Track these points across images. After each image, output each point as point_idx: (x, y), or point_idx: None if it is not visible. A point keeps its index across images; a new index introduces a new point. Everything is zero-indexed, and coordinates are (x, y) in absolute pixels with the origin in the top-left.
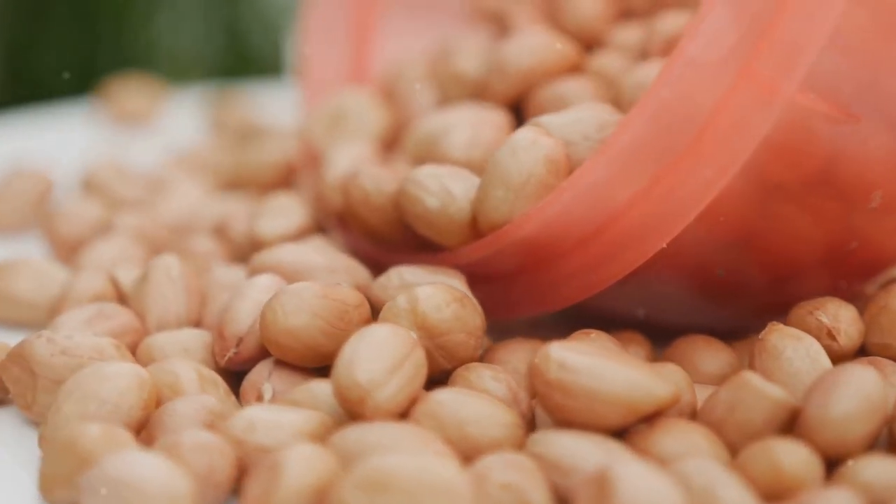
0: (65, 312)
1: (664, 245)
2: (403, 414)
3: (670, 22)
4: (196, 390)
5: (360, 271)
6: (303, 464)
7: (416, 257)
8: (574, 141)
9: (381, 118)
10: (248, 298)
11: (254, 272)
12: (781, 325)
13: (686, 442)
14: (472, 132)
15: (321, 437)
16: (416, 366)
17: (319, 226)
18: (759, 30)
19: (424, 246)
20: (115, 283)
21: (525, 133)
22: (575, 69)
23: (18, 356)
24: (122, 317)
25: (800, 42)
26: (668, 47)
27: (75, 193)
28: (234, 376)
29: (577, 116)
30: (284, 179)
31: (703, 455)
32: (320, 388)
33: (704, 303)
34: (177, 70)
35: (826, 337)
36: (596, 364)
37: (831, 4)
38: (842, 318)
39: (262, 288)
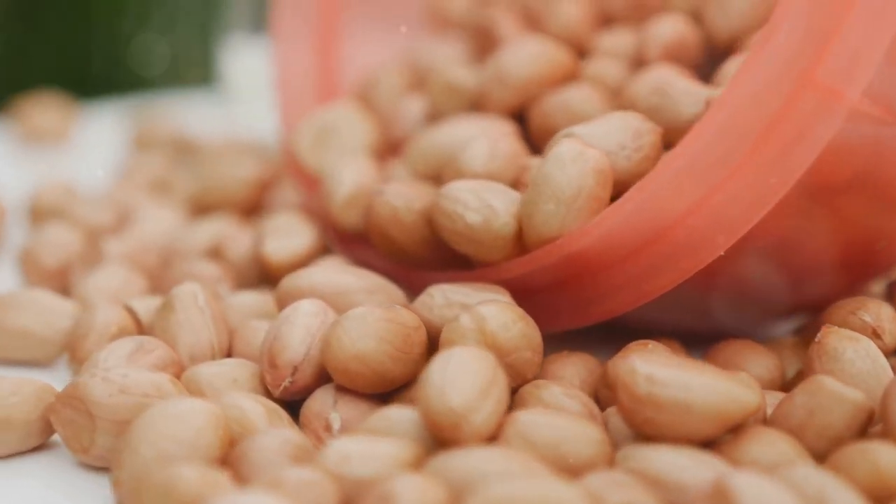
0: (100, 348)
1: (722, 253)
2: (493, 437)
3: (665, 27)
4: (265, 424)
5: (396, 292)
6: (415, 494)
7: (450, 275)
8: (612, 151)
9: (370, 131)
10: (298, 325)
11: (285, 297)
12: (837, 328)
13: (774, 449)
14: (491, 144)
15: (417, 465)
16: (502, 387)
17: (325, 245)
18: (822, 39)
19: (453, 262)
20: (132, 315)
21: (570, 145)
22: (571, 77)
23: (72, 398)
24: (160, 350)
25: (862, 50)
26: (666, 53)
27: (24, 218)
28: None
29: (610, 126)
30: (257, 198)
31: (792, 461)
32: (399, 415)
33: (728, 307)
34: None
35: (871, 336)
36: (684, 376)
37: (891, 12)
38: (883, 316)
39: (309, 313)
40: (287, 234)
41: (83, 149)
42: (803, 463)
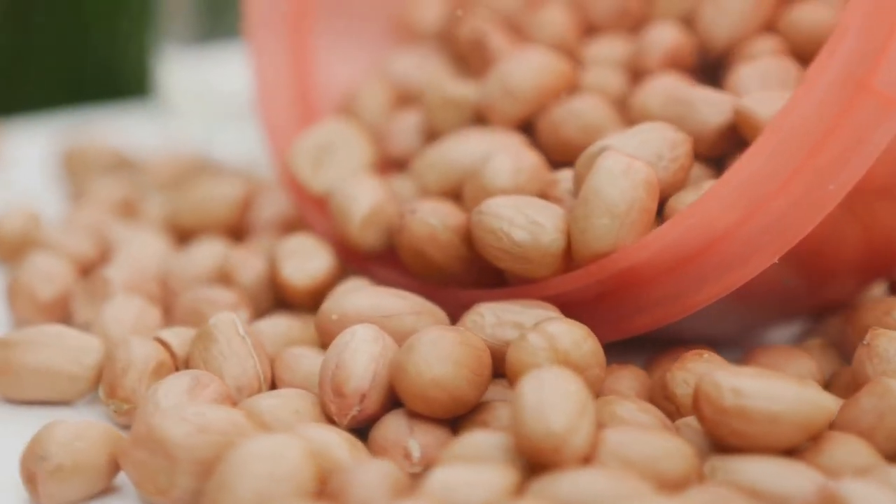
0: (144, 384)
1: (776, 261)
2: (588, 457)
3: (664, 35)
4: (348, 455)
5: (439, 312)
6: None
7: (487, 293)
8: (651, 161)
9: (367, 149)
10: (361, 352)
11: (327, 322)
12: (883, 329)
13: (854, 453)
14: (514, 158)
15: (520, 490)
16: (592, 407)
17: (342, 267)
18: (879, 48)
19: (487, 279)
20: (167, 347)
21: (618, 158)
22: (572, 87)
23: (147, 440)
24: (215, 383)
25: None
26: (666, 60)
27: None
28: None
29: (645, 137)
30: (241, 218)
31: (877, 465)
32: (486, 440)
33: (751, 312)
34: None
35: None
36: (769, 387)
37: None
38: None
39: (368, 339)
40: (304, 257)
41: (10, 169)
42: (875, 467)
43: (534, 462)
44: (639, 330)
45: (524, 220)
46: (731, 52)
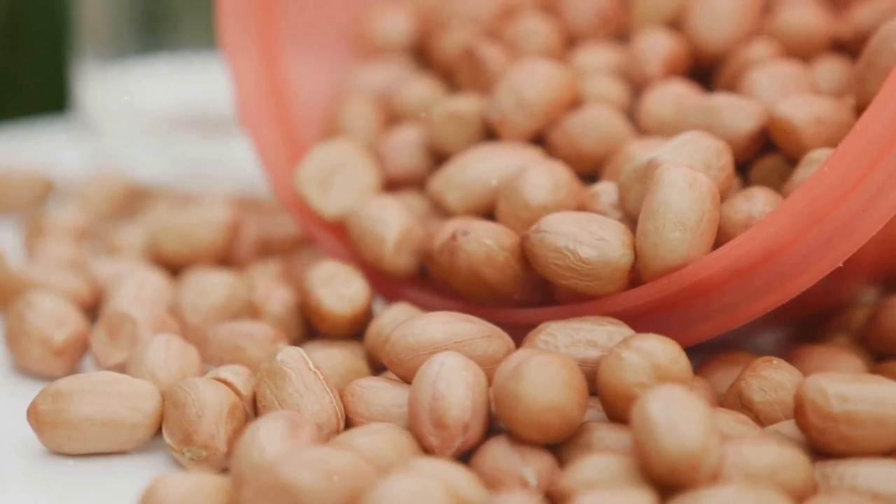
0: (221, 428)
1: (840, 265)
2: (716, 475)
3: (662, 41)
4: (475, 490)
5: (504, 334)
6: None
7: (544, 311)
8: (700, 171)
9: (374, 168)
10: (456, 381)
11: (402, 351)
12: None
13: None
14: (550, 173)
15: None
16: (716, 422)
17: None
18: None
19: (538, 299)
20: (233, 388)
21: (682, 171)
22: (577, 97)
23: (273, 488)
24: (308, 424)
25: None
26: (665, 67)
27: None
28: None
29: (692, 147)
30: (228, 245)
31: None
32: (609, 463)
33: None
34: None
35: None
36: (874, 391)
37: None
38: None
39: (460, 367)
40: (340, 284)
41: None
42: None
43: (668, 482)
44: (697, 340)
45: (589, 237)
46: (724, 57)
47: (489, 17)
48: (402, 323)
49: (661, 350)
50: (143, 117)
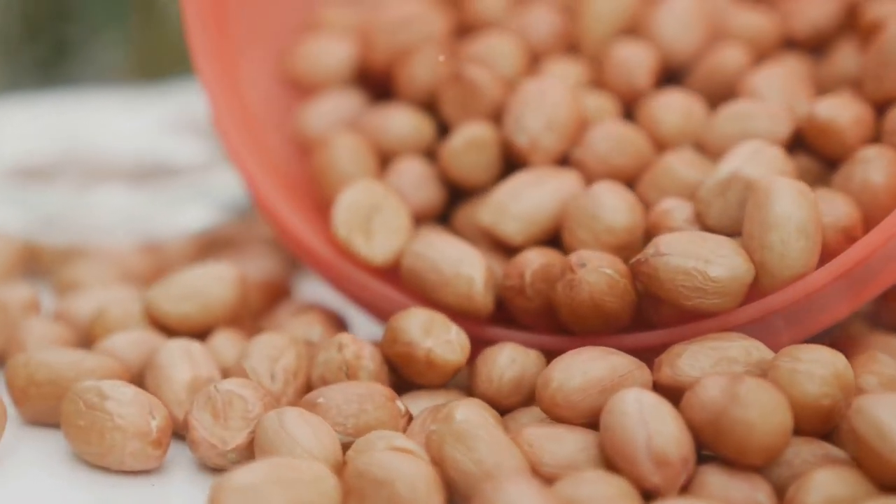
0: None
1: None
2: None
3: (646, 53)
4: None
5: (640, 362)
6: None
7: (657, 334)
8: None
9: (404, 206)
10: (664, 418)
11: (568, 395)
12: None
13: None
14: (619, 193)
15: None
16: None
17: None
18: None
19: (641, 322)
20: (416, 456)
21: (788, 182)
22: (585, 114)
23: None
24: (540, 483)
25: None
26: (652, 77)
27: None
28: None
29: (761, 158)
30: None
31: None
32: (835, 479)
33: None
34: None
35: None
36: None
37: None
38: None
39: (656, 402)
40: (439, 331)
41: None
42: None
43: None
44: (793, 342)
45: (713, 255)
46: (692, 62)
47: (443, 39)
48: (557, 365)
49: (835, 359)
50: None
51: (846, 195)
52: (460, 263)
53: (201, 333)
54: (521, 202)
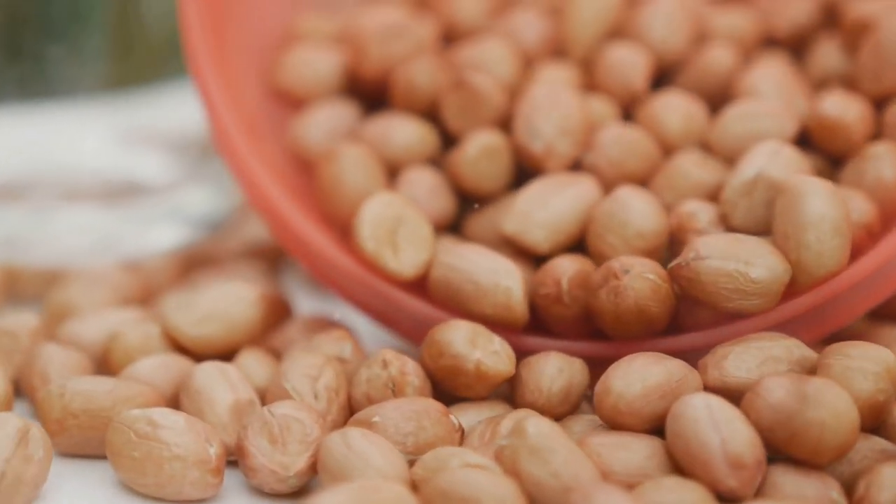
0: None
1: None
2: None
3: (637, 55)
4: None
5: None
6: None
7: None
8: None
9: (425, 218)
10: (735, 421)
11: (631, 402)
12: None
13: None
14: (647, 199)
15: None
16: None
17: None
18: None
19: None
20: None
21: (817, 181)
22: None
23: None
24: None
25: None
26: (648, 79)
27: None
28: None
29: (784, 157)
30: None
31: None
32: None
33: None
34: None
35: None
36: None
37: None
38: None
39: (724, 405)
40: (484, 342)
41: None
42: None
43: None
44: (828, 331)
45: (752, 257)
46: (679, 63)
47: (433, 47)
48: (614, 373)
49: (884, 354)
50: None
51: (863, 192)
52: (496, 274)
53: (225, 355)
54: (545, 210)
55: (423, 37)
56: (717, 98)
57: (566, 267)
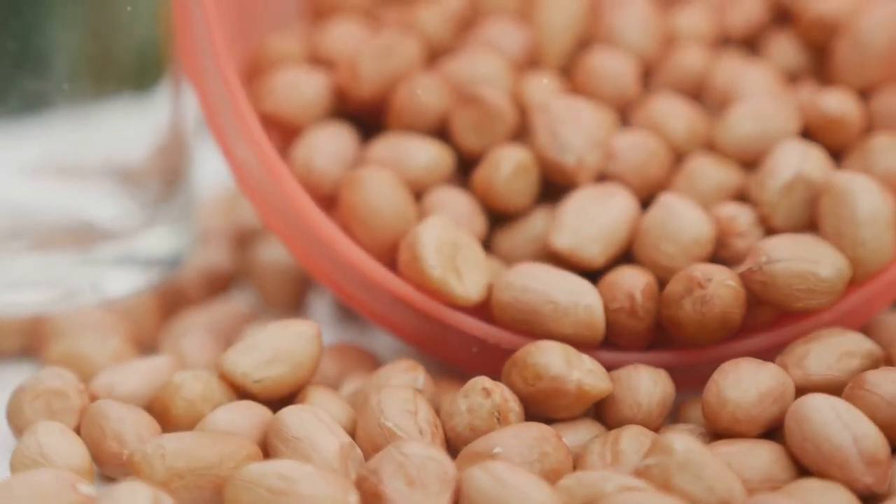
0: None
1: None
2: None
3: (626, 63)
4: None
5: None
6: None
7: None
8: None
9: (475, 239)
10: (859, 420)
11: (748, 409)
12: None
13: None
14: (689, 204)
15: None
16: None
17: None
18: None
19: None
20: None
21: (862, 178)
22: None
23: None
24: None
25: None
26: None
27: None
28: None
29: (813, 155)
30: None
31: None
32: None
33: None
34: None
35: None
36: None
37: None
38: None
39: (836, 404)
40: (574, 360)
41: None
42: None
43: None
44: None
45: (819, 256)
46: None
47: (423, 64)
48: (724, 383)
49: None
50: None
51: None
52: (574, 293)
53: (289, 395)
54: (595, 224)
55: (413, 53)
56: (692, 98)
57: (637, 280)
